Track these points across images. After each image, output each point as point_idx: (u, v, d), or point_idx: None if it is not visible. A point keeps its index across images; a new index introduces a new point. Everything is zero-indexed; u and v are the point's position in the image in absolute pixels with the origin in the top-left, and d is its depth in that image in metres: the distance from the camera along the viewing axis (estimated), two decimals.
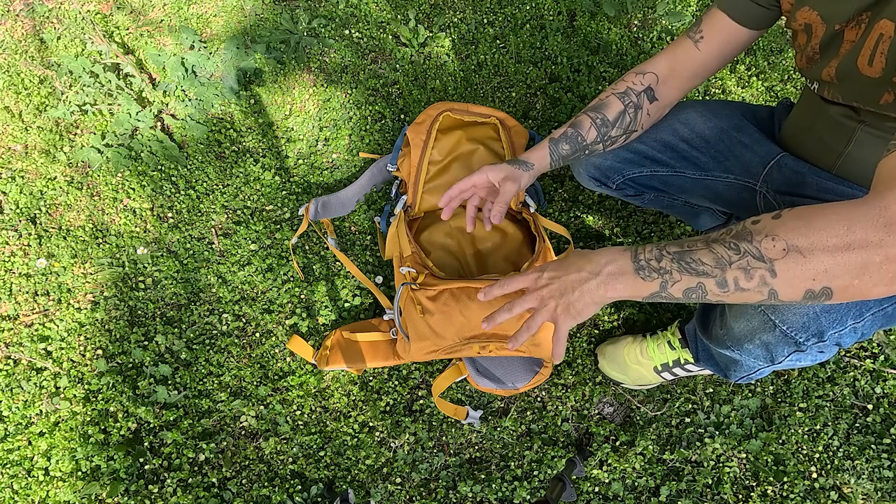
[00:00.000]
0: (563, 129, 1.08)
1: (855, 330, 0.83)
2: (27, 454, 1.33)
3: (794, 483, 1.30)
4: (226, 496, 1.31)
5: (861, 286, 0.63)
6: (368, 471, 1.33)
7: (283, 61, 1.67)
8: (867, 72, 0.79)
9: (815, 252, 0.64)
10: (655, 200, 1.23)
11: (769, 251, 0.66)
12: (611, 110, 1.05)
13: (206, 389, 1.38)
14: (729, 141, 1.07)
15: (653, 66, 1.05)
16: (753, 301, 0.70)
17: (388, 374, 1.38)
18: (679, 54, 1.02)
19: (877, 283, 0.62)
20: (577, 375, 1.37)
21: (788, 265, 0.65)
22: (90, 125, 1.61)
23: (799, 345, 0.86)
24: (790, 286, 0.66)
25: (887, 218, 0.61)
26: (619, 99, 1.05)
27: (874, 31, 0.76)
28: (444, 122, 1.41)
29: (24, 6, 1.75)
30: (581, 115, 1.07)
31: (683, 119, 1.10)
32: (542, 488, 1.31)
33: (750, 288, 0.68)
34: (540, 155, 1.08)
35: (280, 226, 1.50)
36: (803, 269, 0.65)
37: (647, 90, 1.05)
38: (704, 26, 0.99)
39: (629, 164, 1.14)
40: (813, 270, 0.64)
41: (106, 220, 1.52)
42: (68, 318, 1.43)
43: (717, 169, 1.09)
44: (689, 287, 0.72)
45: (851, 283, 0.63)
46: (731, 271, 0.69)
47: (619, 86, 1.06)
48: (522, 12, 1.71)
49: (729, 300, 0.71)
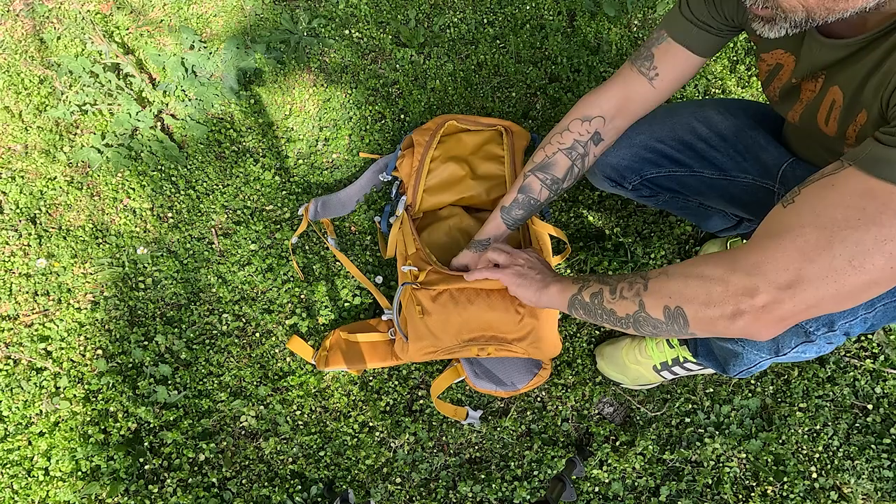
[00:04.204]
0: (513, 194, 1.11)
1: (865, 320, 0.83)
2: (27, 454, 1.33)
3: (794, 483, 1.30)
4: (226, 496, 1.31)
5: (708, 315, 0.71)
6: (368, 471, 1.33)
7: (283, 61, 1.67)
8: (824, 129, 0.81)
9: (677, 276, 0.75)
10: (670, 202, 1.21)
11: (652, 273, 0.79)
12: (559, 168, 1.06)
13: (206, 389, 1.38)
14: (746, 140, 1.06)
15: (599, 109, 1.04)
16: (630, 311, 0.80)
17: (388, 374, 1.38)
18: (631, 93, 1.01)
19: (719, 315, 0.70)
20: (577, 375, 1.37)
21: (657, 282, 0.77)
22: (90, 125, 1.61)
23: (808, 335, 0.85)
24: (654, 300, 0.76)
25: (739, 261, 0.68)
26: (566, 155, 1.06)
27: (828, 94, 0.77)
28: (449, 128, 1.41)
29: (24, 6, 1.75)
30: (530, 178, 1.09)
31: (702, 117, 1.08)
32: (542, 488, 1.31)
33: (628, 297, 0.80)
34: (494, 226, 1.15)
35: (280, 226, 1.50)
36: (665, 288, 0.75)
37: (594, 136, 1.05)
38: (659, 63, 0.97)
39: (647, 164, 1.12)
40: (670, 290, 0.74)
41: (106, 220, 1.52)
42: (68, 318, 1.43)
43: (735, 169, 1.07)
44: (594, 292, 0.85)
45: (699, 310, 0.71)
46: (622, 283, 0.82)
47: (566, 139, 1.05)
48: (522, 12, 1.71)
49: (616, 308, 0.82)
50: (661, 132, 1.09)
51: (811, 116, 0.83)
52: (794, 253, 0.64)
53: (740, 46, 1.68)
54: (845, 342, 1.39)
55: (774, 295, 0.65)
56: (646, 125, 1.11)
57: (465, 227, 1.35)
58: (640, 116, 1.06)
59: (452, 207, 1.39)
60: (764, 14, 0.68)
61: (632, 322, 0.80)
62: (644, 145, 1.10)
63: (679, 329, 0.75)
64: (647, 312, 0.77)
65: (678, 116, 1.10)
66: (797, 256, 0.64)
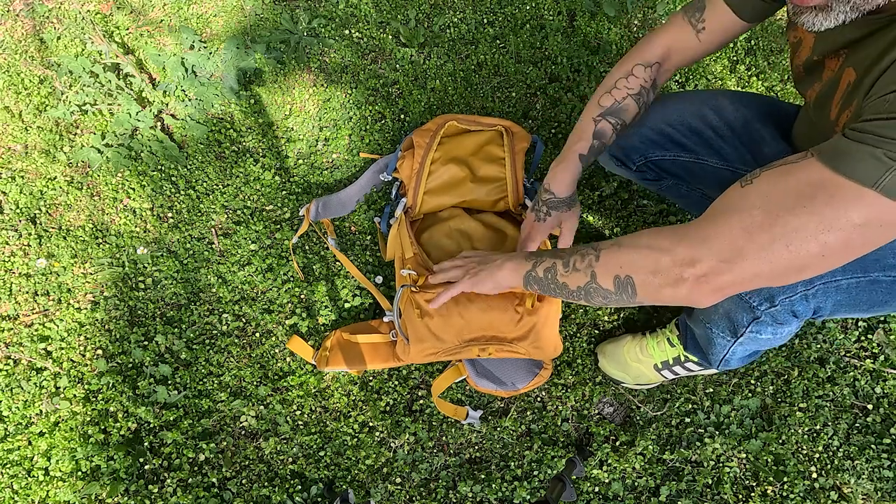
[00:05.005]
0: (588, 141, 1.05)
1: (806, 298, 0.85)
2: (27, 454, 1.33)
3: (794, 483, 1.30)
4: (226, 496, 1.31)
5: (654, 283, 0.75)
6: (368, 471, 1.33)
7: (283, 61, 1.67)
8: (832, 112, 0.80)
9: (628, 247, 0.78)
10: (673, 188, 1.21)
11: (602, 244, 0.82)
12: (629, 114, 1.04)
13: (206, 389, 1.38)
14: (753, 133, 1.06)
15: (653, 53, 1.03)
16: (581, 283, 0.83)
17: (388, 375, 1.38)
18: (677, 41, 1.01)
19: (664, 283, 0.74)
20: (577, 375, 1.37)
21: (608, 253, 0.80)
22: (90, 125, 1.61)
23: (753, 310, 0.90)
24: (605, 270, 0.80)
25: (689, 234, 0.72)
26: (635, 101, 1.04)
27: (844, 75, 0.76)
28: (449, 129, 1.41)
29: (24, 6, 1.75)
30: (602, 123, 1.04)
31: (714, 106, 1.08)
32: (542, 488, 1.31)
33: (580, 269, 0.83)
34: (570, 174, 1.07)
35: (280, 226, 1.50)
36: (616, 258, 0.79)
37: (654, 85, 1.04)
38: (708, 16, 0.97)
39: (653, 146, 1.12)
40: (621, 260, 0.78)
41: (106, 220, 1.52)
42: (68, 318, 1.43)
43: (739, 161, 1.07)
44: (547, 267, 0.88)
45: (647, 279, 0.76)
46: (575, 256, 0.84)
47: (633, 84, 1.03)
48: (522, 12, 1.71)
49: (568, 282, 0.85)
50: (671, 116, 1.09)
51: (828, 97, 0.82)
52: (738, 231, 0.68)
53: (740, 46, 1.68)
54: (843, 342, 1.39)
55: (714, 265, 0.70)
56: (658, 107, 1.11)
57: (465, 228, 1.35)
58: (681, 67, 1.06)
59: (453, 209, 1.39)
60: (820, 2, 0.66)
61: (583, 294, 0.84)
62: (653, 127, 1.10)
63: (627, 298, 0.79)
64: (598, 283, 0.81)
65: (690, 102, 1.09)
66: (741, 234, 0.67)
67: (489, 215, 1.39)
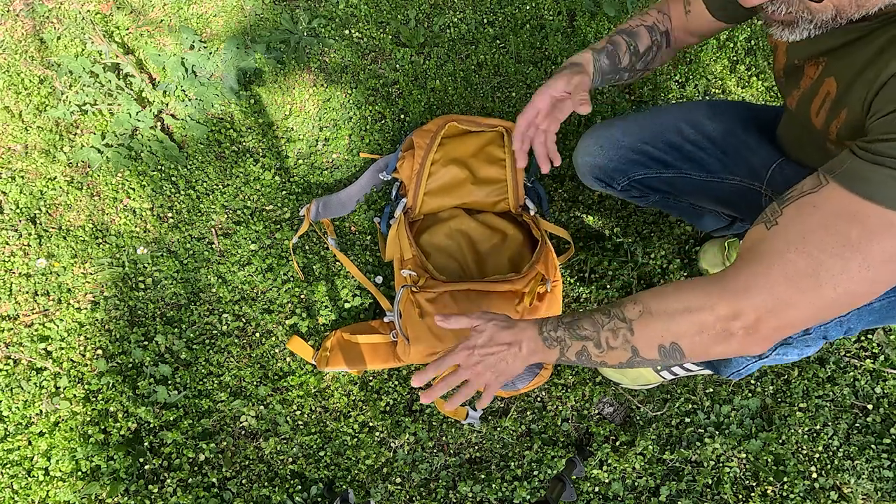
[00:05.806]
0: (602, 43, 1.02)
1: (840, 324, 0.84)
2: (27, 454, 1.33)
3: (794, 483, 1.30)
4: (226, 496, 1.31)
5: (702, 343, 0.71)
6: (368, 471, 1.33)
7: (283, 61, 1.67)
8: (814, 120, 0.81)
9: (661, 314, 0.73)
10: (661, 202, 1.21)
11: (629, 312, 0.76)
12: (642, 41, 1.03)
13: (206, 389, 1.38)
14: (735, 142, 1.06)
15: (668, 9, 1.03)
16: (623, 360, 0.77)
17: (388, 375, 1.38)
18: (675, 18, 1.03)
19: (713, 341, 0.70)
20: (577, 375, 1.37)
21: (642, 324, 0.74)
22: (90, 125, 1.61)
23: (786, 340, 0.87)
24: (645, 342, 0.74)
25: (723, 286, 0.69)
26: (648, 33, 1.02)
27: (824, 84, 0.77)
28: (450, 130, 1.41)
29: (24, 6, 1.75)
30: (616, 36, 1.02)
31: (689, 119, 1.08)
32: (542, 488, 1.31)
33: (616, 346, 0.77)
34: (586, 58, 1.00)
35: (280, 226, 1.50)
36: (653, 328, 0.73)
37: (666, 34, 1.04)
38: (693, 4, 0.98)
39: (634, 166, 1.12)
40: (659, 329, 0.73)
41: (106, 220, 1.52)
42: (68, 318, 1.43)
43: (723, 171, 1.07)
44: (578, 351, 0.80)
45: (694, 341, 0.71)
46: (604, 332, 0.77)
47: (647, 18, 1.02)
48: (522, 12, 1.71)
49: (607, 360, 0.78)
50: (647, 134, 1.09)
51: (806, 105, 0.82)
52: (780, 279, 0.65)
53: (740, 46, 1.68)
54: (843, 342, 1.39)
55: (760, 316, 0.67)
56: (634, 126, 1.11)
57: (465, 228, 1.35)
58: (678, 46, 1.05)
59: (453, 209, 1.39)
60: (786, 19, 0.67)
61: (626, 365, 0.80)
62: (631, 147, 1.10)
63: (677, 360, 0.76)
64: (643, 356, 0.76)
65: (666, 118, 1.09)
66: (783, 282, 0.65)
67: (489, 215, 1.39)
